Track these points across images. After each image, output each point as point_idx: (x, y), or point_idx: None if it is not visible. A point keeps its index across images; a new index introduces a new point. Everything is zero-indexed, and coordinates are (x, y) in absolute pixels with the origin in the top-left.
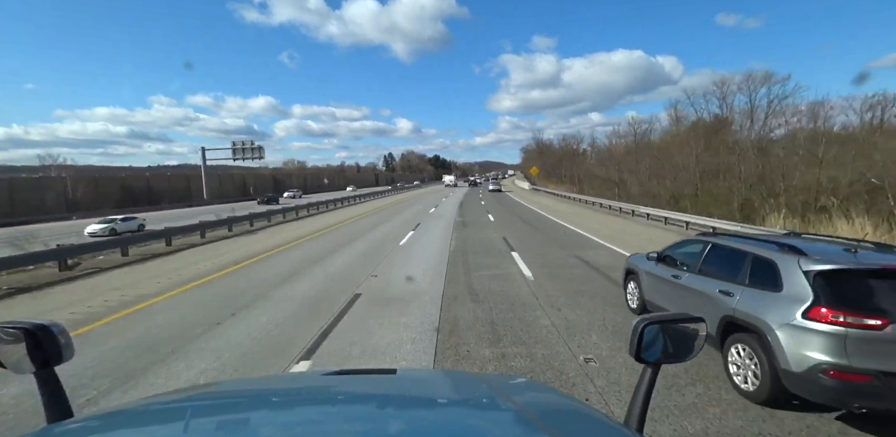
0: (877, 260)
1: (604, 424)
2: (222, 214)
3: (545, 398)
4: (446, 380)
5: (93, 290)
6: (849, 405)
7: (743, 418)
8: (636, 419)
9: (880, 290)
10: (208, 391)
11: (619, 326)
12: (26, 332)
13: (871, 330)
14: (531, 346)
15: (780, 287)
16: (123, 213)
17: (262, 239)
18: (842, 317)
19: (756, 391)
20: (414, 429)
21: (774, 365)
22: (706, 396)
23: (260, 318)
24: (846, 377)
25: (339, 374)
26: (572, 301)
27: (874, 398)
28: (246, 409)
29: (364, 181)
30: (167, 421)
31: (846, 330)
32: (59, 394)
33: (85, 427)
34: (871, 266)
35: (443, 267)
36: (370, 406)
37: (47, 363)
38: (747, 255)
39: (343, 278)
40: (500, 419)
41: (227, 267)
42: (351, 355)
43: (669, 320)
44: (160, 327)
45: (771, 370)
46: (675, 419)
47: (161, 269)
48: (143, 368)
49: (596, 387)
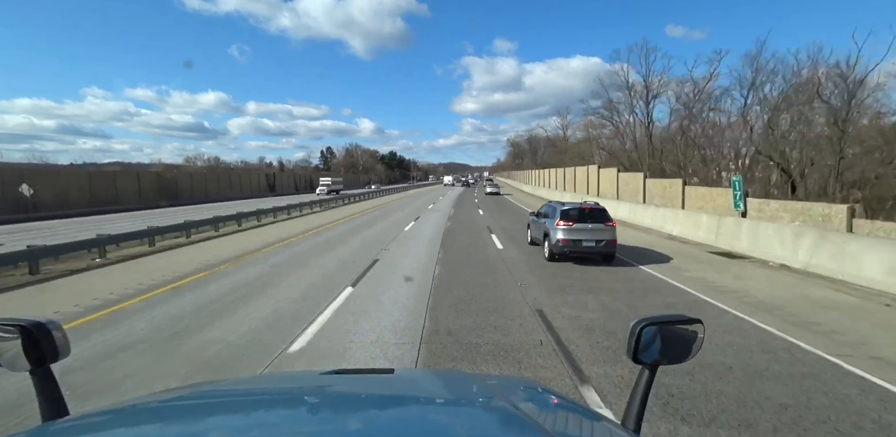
0: (582, 205)
1: (600, 424)
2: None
3: (543, 399)
4: (444, 380)
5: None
6: (567, 253)
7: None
8: (633, 420)
9: (577, 213)
10: (204, 389)
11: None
12: (22, 329)
13: (570, 226)
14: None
15: (555, 216)
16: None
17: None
18: (563, 223)
19: (547, 256)
20: (411, 429)
21: (550, 243)
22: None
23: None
24: (564, 242)
25: (336, 373)
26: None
27: (572, 248)
28: (242, 408)
29: (250, 187)
30: (162, 420)
31: (565, 226)
32: (55, 392)
33: (80, 426)
34: (576, 206)
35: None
36: (367, 406)
37: (43, 361)
38: (552, 206)
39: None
40: (497, 419)
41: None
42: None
43: (667, 321)
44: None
45: (549, 245)
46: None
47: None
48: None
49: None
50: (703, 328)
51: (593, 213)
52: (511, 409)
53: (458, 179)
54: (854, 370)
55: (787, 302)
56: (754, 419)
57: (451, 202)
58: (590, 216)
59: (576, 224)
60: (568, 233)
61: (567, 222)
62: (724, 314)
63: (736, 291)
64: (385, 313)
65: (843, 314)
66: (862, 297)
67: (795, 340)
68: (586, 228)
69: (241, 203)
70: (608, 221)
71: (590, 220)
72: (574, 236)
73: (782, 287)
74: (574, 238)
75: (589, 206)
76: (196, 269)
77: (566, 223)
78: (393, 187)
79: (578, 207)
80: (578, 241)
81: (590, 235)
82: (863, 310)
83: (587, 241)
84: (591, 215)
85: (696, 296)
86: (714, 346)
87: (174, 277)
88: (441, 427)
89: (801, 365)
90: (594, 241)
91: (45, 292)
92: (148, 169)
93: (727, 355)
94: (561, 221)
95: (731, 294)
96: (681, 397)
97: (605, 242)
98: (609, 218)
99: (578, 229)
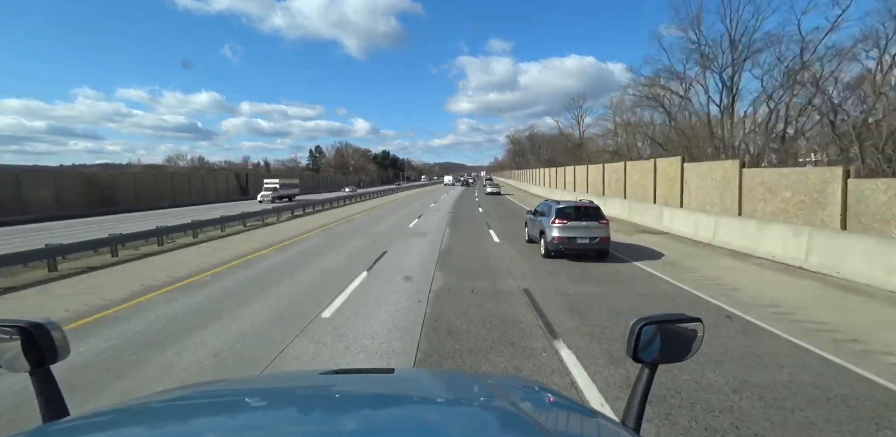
0: (577, 204)
1: (600, 423)
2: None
3: (542, 398)
4: (443, 380)
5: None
6: (562, 250)
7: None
8: (633, 419)
9: (572, 211)
10: (204, 389)
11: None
12: (21, 330)
13: (565, 224)
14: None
15: (550, 215)
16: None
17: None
18: (558, 221)
19: (543, 253)
20: (411, 429)
21: (546, 240)
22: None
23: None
24: (559, 240)
25: (336, 373)
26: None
27: (567, 245)
28: (242, 408)
29: (216, 190)
30: (162, 420)
31: (560, 224)
32: (55, 393)
33: (80, 426)
34: (571, 205)
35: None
36: (367, 406)
37: (43, 362)
38: (548, 205)
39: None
40: (497, 418)
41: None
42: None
43: (667, 320)
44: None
45: (545, 242)
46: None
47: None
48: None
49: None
50: (702, 327)
51: (588, 211)
52: (511, 408)
53: (458, 179)
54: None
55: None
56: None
57: (446, 219)
58: (584, 214)
59: (570, 222)
60: (563, 230)
61: (562, 220)
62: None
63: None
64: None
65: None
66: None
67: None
68: (580, 225)
69: (164, 213)
70: (601, 218)
71: (584, 218)
72: (569, 234)
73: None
74: (569, 236)
75: (584, 204)
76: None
77: (561, 221)
78: (374, 190)
79: (573, 206)
80: (573, 238)
81: (584, 232)
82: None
83: (581, 238)
84: (585, 214)
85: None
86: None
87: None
88: (441, 427)
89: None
90: (588, 238)
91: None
92: (129, 169)
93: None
94: (556, 219)
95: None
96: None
97: (599, 239)
98: (602, 216)
99: (573, 227)
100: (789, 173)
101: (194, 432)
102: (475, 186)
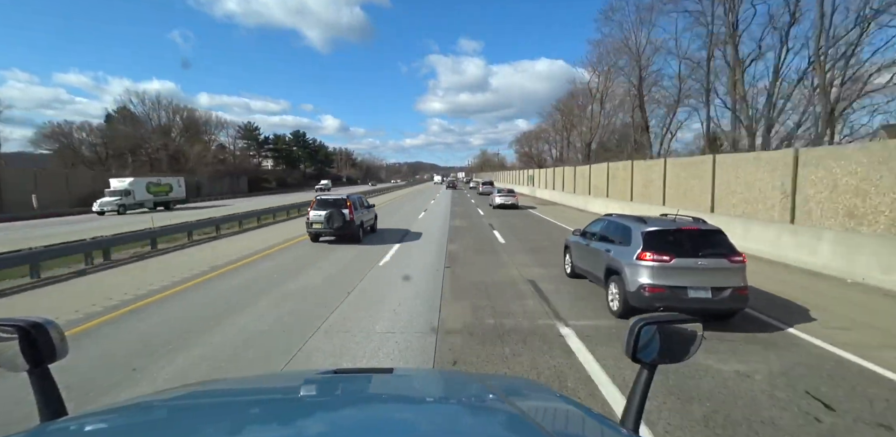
0: (680, 225)
1: (600, 424)
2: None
3: (542, 398)
4: (443, 380)
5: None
6: (656, 307)
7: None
8: (632, 419)
9: (674, 240)
10: (202, 389)
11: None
12: (20, 329)
13: (664, 263)
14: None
15: (630, 243)
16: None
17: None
18: (651, 256)
19: (617, 310)
20: (410, 429)
21: (624, 290)
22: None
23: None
24: (653, 290)
25: (334, 373)
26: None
27: (667, 301)
28: (241, 408)
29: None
30: (161, 420)
31: (655, 262)
32: (53, 392)
33: (79, 426)
34: (670, 227)
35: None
36: (366, 406)
37: (41, 361)
38: (618, 225)
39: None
40: (496, 418)
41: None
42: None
43: (666, 320)
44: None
45: (622, 293)
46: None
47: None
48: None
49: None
50: (701, 328)
51: (706, 238)
52: (510, 408)
53: (443, 180)
54: None
55: None
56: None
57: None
58: (700, 244)
59: (676, 259)
60: (661, 274)
61: (659, 255)
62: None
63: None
64: None
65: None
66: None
67: None
68: (694, 265)
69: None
70: (732, 253)
71: (701, 250)
72: (672, 281)
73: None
74: (672, 284)
75: (695, 226)
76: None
77: (657, 257)
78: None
79: (676, 228)
80: (680, 288)
81: (701, 279)
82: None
83: (696, 288)
84: (702, 242)
85: None
86: None
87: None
88: (440, 427)
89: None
90: (709, 288)
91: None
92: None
93: None
94: (646, 252)
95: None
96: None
97: (730, 291)
98: (731, 247)
99: (681, 268)
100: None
101: (192, 432)
102: (468, 192)
